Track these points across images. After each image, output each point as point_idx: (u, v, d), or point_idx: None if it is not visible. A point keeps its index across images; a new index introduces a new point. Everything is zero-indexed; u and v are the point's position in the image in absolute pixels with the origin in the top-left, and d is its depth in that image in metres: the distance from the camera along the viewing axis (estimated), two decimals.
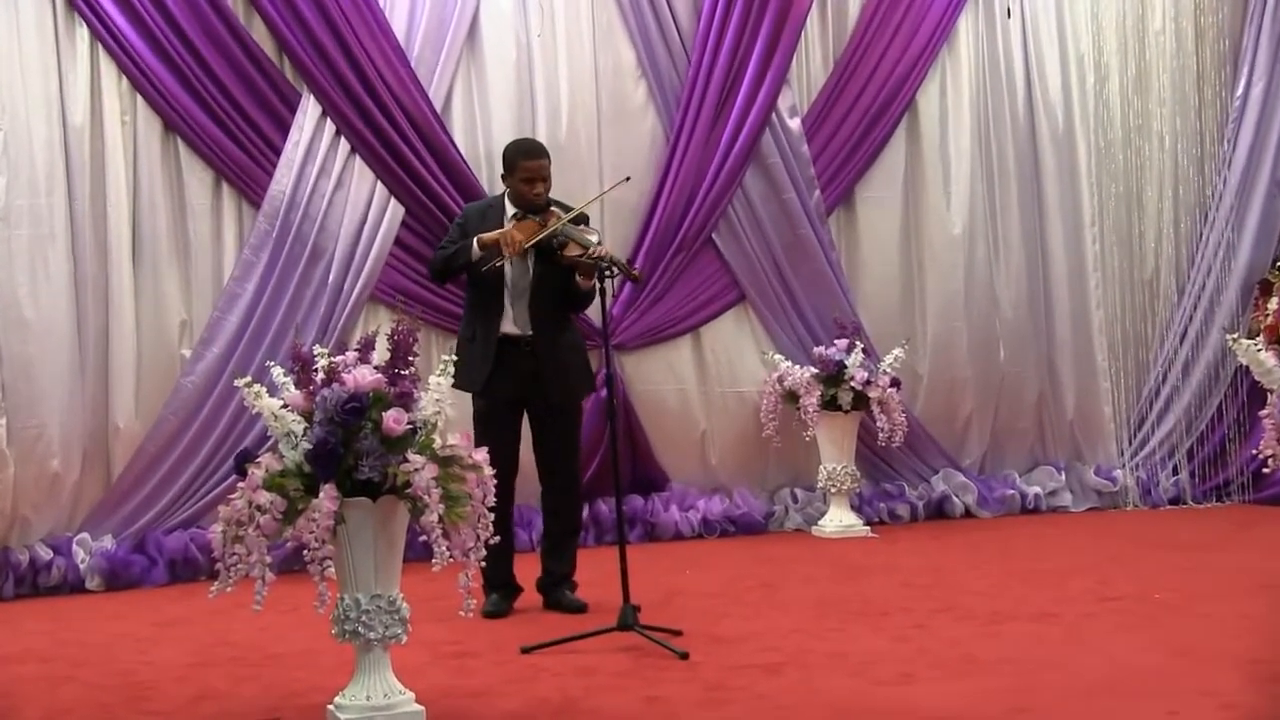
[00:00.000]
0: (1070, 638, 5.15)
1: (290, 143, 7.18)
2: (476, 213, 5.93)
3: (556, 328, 5.78)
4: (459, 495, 4.03)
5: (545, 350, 5.71)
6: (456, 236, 5.82)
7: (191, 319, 7.09)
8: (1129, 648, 4.96)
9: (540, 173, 5.72)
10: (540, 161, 5.73)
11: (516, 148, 5.88)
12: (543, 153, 5.81)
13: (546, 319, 5.73)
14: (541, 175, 5.72)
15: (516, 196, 5.75)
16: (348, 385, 4.04)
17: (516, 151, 5.81)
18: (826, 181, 8.24)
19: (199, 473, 6.96)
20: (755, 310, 8.14)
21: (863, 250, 8.43)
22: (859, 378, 7.63)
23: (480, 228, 5.75)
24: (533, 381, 5.70)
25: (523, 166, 5.70)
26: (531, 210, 5.69)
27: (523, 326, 5.70)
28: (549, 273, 5.68)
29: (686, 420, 8.00)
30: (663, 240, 7.88)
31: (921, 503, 8.28)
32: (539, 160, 5.74)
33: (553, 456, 5.83)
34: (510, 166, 5.75)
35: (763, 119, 8.04)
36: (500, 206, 5.85)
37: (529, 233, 5.59)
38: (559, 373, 5.75)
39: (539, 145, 5.93)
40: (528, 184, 5.69)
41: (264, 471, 3.99)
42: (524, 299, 5.71)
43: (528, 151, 5.79)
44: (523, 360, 5.69)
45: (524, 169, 5.69)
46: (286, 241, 7.13)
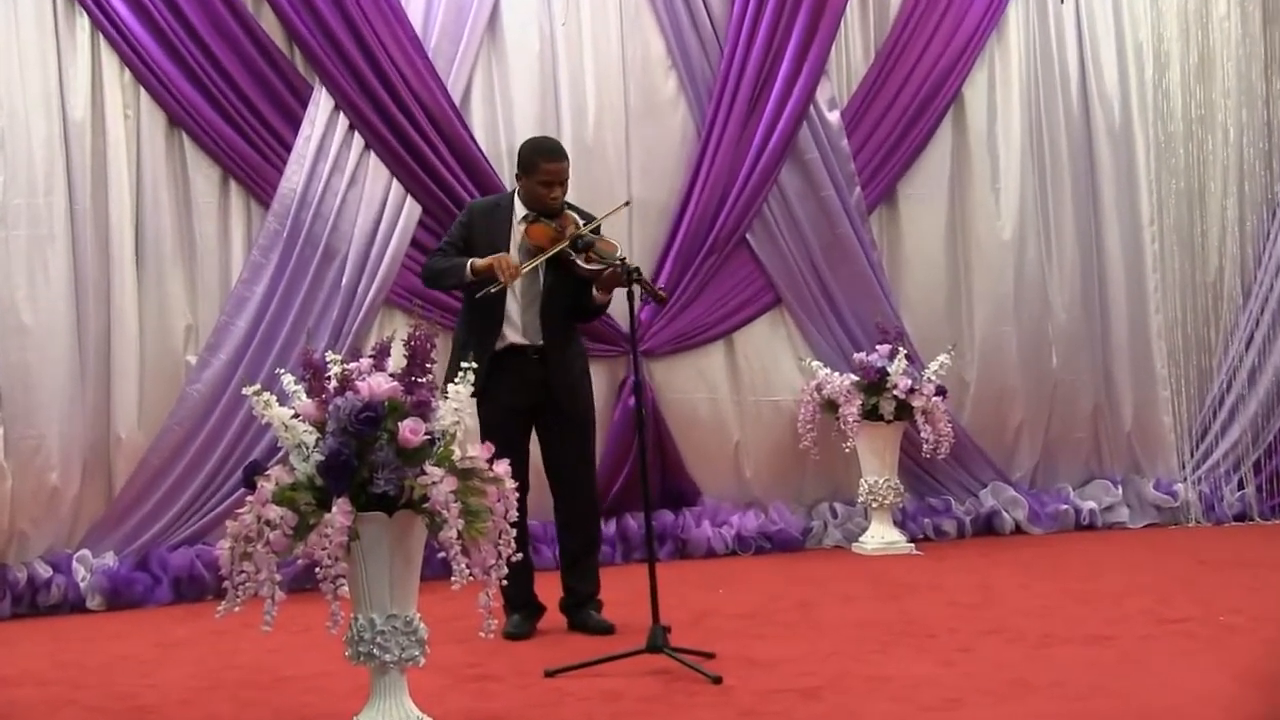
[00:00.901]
0: (1127, 662, 5.13)
1: (301, 138, 7.22)
2: (483, 211, 5.90)
3: (565, 338, 5.78)
4: (479, 510, 4.04)
5: (555, 360, 5.71)
6: (458, 237, 5.79)
7: (197, 324, 7.13)
8: (1190, 673, 4.93)
9: (561, 176, 5.70)
10: (562, 164, 5.71)
11: (537, 147, 5.83)
12: (565, 154, 5.79)
13: (557, 329, 5.72)
14: (561, 179, 5.70)
15: (531, 199, 5.70)
16: (362, 394, 4.05)
17: (536, 151, 5.77)
18: (867, 178, 8.24)
19: (205, 486, 6.99)
20: (792, 314, 8.14)
21: (906, 251, 8.43)
22: (902, 386, 7.62)
23: (487, 228, 5.74)
24: (542, 390, 5.70)
25: (544, 169, 5.66)
26: (546, 214, 5.69)
27: (532, 336, 5.70)
28: (563, 282, 5.67)
29: (719, 431, 8.01)
30: (694, 241, 7.89)
31: (969, 518, 8.26)
32: (560, 163, 5.71)
33: (567, 468, 5.83)
34: (529, 167, 5.71)
35: (800, 112, 8.04)
36: (509, 206, 5.82)
37: (543, 239, 5.58)
38: (569, 382, 5.76)
39: (560, 146, 5.89)
40: (546, 187, 5.66)
41: (274, 485, 4.00)
42: (534, 307, 5.70)
43: (550, 152, 5.75)
44: (530, 368, 5.69)
45: (545, 171, 5.66)
46: (297, 242, 7.16)
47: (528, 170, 5.71)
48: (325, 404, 4.10)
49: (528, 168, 5.71)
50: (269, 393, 4.17)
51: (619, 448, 7.50)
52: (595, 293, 5.63)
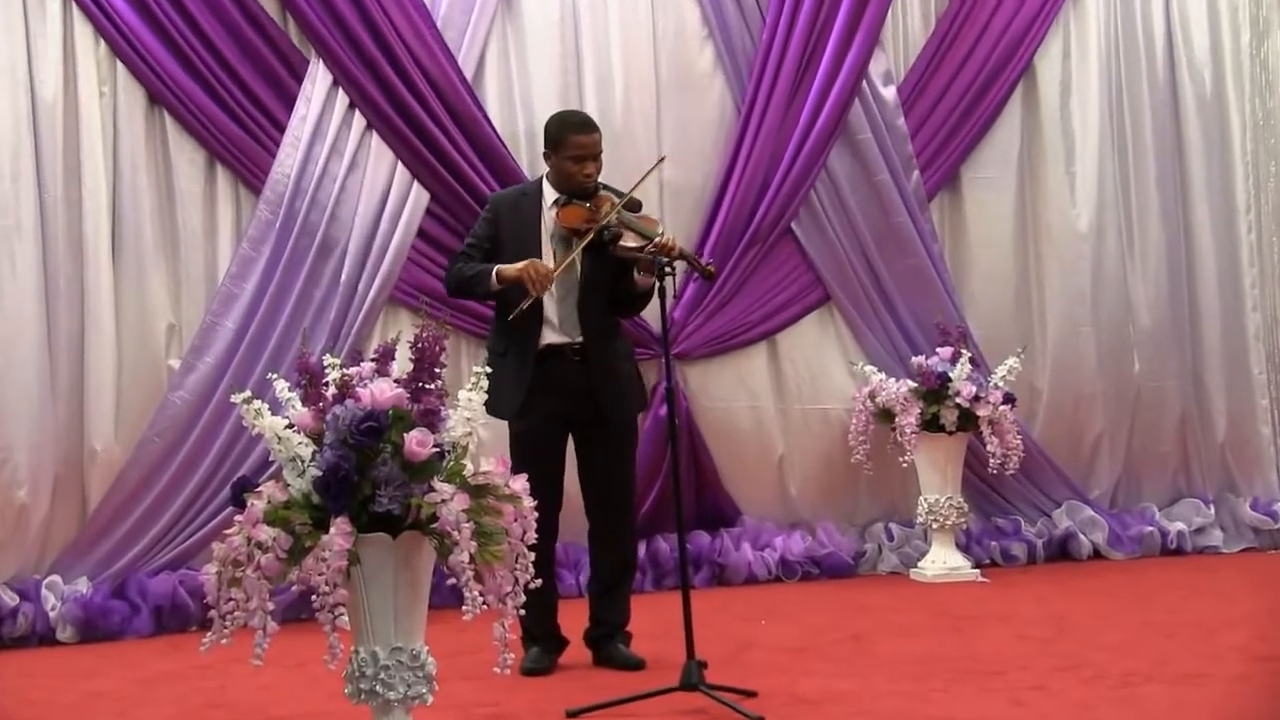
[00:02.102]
0: (1220, 704, 5.10)
1: (296, 117, 7.25)
2: (508, 203, 5.91)
3: (609, 333, 5.79)
4: (494, 531, 4.02)
5: (598, 359, 5.70)
6: (483, 236, 5.79)
7: (181, 324, 7.16)
8: None
9: (593, 149, 5.71)
10: (593, 136, 5.73)
11: (564, 120, 5.86)
12: (595, 126, 5.81)
13: (598, 322, 5.72)
14: (594, 153, 5.71)
15: (561, 178, 5.72)
16: (363, 401, 4.05)
17: (564, 124, 5.79)
18: (927, 161, 8.23)
19: (189, 505, 7.02)
20: (842, 313, 8.14)
21: (970, 242, 8.42)
22: (966, 393, 7.60)
23: (515, 220, 5.75)
24: (582, 396, 5.69)
25: (573, 142, 5.67)
26: (578, 195, 5.69)
27: (570, 332, 5.70)
28: (601, 267, 5.67)
29: (761, 443, 8.01)
30: (733, 231, 7.89)
31: (1041, 541, 8.24)
32: (591, 135, 5.73)
33: (604, 484, 5.83)
34: (557, 142, 5.73)
35: (851, 88, 8.04)
36: (536, 194, 5.83)
37: (578, 222, 5.59)
38: (613, 384, 5.75)
39: (589, 118, 5.91)
40: (577, 163, 5.67)
41: (265, 503, 4.00)
42: (571, 299, 5.70)
43: (579, 125, 5.77)
44: (570, 372, 5.68)
45: (575, 145, 5.67)
46: (292, 233, 7.19)
47: (556, 146, 5.71)
48: (322, 413, 4.10)
49: (556, 143, 5.72)
50: (260, 400, 4.17)
51: (650, 462, 7.48)
52: (637, 276, 5.61)
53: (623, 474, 5.86)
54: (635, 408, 5.96)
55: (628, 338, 6.00)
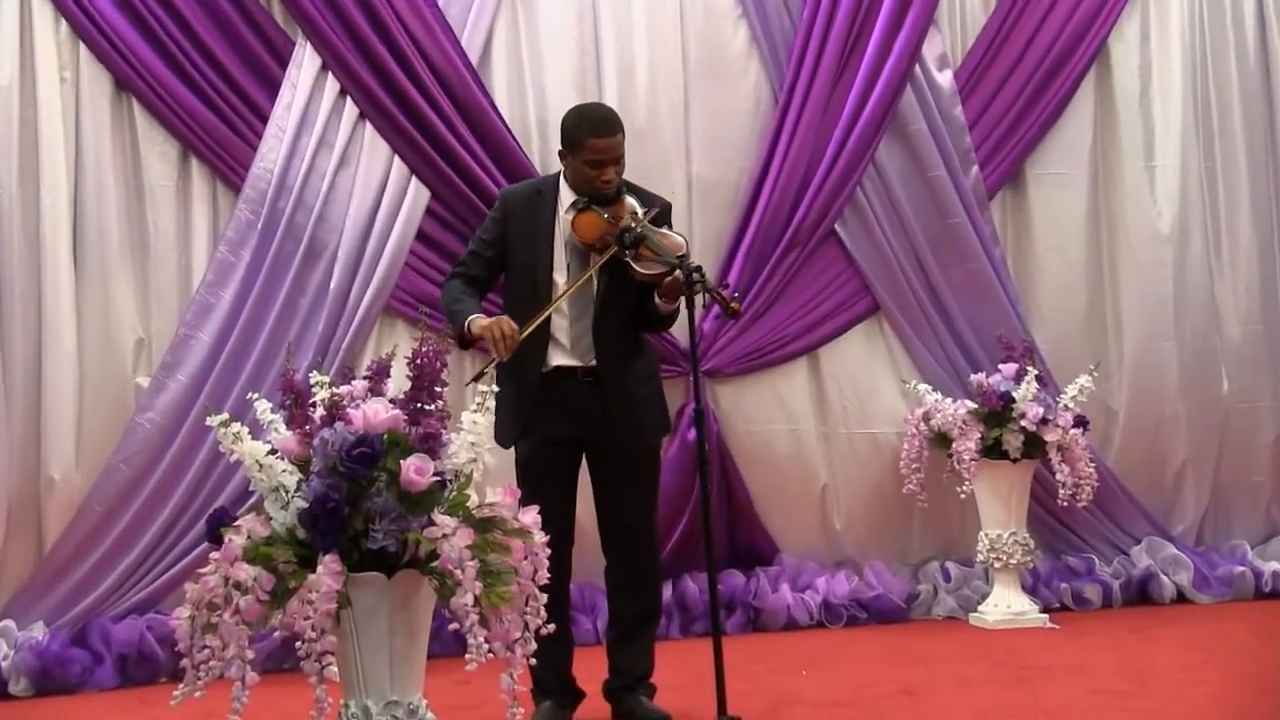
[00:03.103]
0: None
1: (280, 106, 7.26)
2: (520, 200, 5.85)
3: (626, 354, 5.74)
4: (501, 570, 4.01)
5: (613, 383, 5.68)
6: (492, 238, 5.75)
7: (150, 338, 7.17)
8: None
9: (613, 153, 5.64)
10: (614, 139, 5.64)
11: (582, 118, 5.76)
12: (617, 126, 5.70)
13: (614, 344, 5.68)
14: (615, 156, 5.64)
15: (579, 181, 5.67)
16: (355, 424, 4.04)
17: (582, 123, 5.71)
18: (988, 154, 8.23)
19: (159, 540, 7.01)
20: (892, 325, 8.14)
21: (1036, 245, 8.41)
22: (1032, 415, 7.57)
23: (525, 221, 5.71)
24: (595, 419, 5.67)
25: (591, 146, 5.60)
26: (598, 201, 5.66)
27: (582, 355, 5.65)
28: (620, 286, 5.62)
29: (801, 471, 8.00)
30: (769, 234, 7.88)
31: (1118, 582, 8.20)
32: (612, 137, 5.64)
33: (622, 518, 5.79)
34: (574, 143, 5.66)
35: (902, 73, 8.04)
36: (553, 191, 5.79)
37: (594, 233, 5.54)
38: (629, 408, 5.71)
39: (613, 116, 5.81)
40: (595, 168, 5.60)
41: (245, 538, 3.99)
42: (585, 319, 5.66)
43: (598, 125, 5.68)
44: (581, 394, 5.65)
45: (592, 149, 5.60)
46: (275, 236, 7.19)
47: (574, 147, 5.65)
48: (309, 437, 4.10)
49: (573, 144, 5.65)
50: (239, 423, 4.16)
51: (676, 492, 7.48)
52: (657, 300, 5.58)
53: (642, 507, 5.83)
54: (656, 433, 5.92)
55: (653, 356, 5.95)
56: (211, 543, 4.06)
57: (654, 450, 5.90)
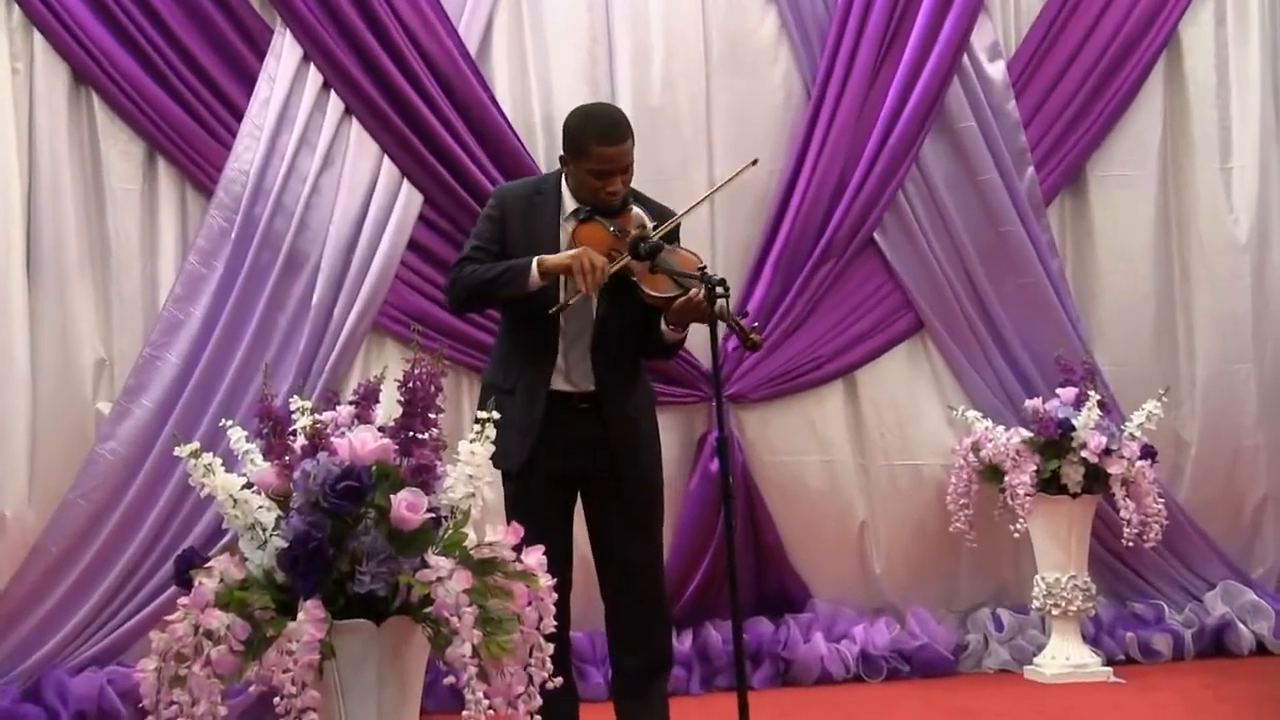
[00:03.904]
0: None
1: (257, 101, 7.27)
2: (519, 198, 5.81)
3: (627, 380, 5.74)
4: (503, 617, 4.01)
5: (613, 411, 5.68)
6: (490, 237, 5.71)
7: (112, 358, 7.18)
8: None
9: (621, 162, 5.57)
10: (622, 147, 5.57)
11: (588, 121, 5.68)
12: (627, 132, 5.63)
13: (615, 369, 5.67)
14: (622, 165, 5.58)
15: (581, 189, 5.64)
16: (340, 455, 4.05)
17: (588, 127, 5.63)
18: (1044, 155, 8.24)
19: (122, 584, 7.02)
20: (938, 344, 8.14)
21: (1098, 256, 8.42)
22: (1094, 445, 7.56)
23: (524, 223, 5.69)
24: (593, 449, 5.67)
25: (596, 154, 5.53)
26: (602, 211, 5.64)
27: (580, 380, 5.63)
28: (622, 307, 5.59)
29: (836, 507, 8.00)
30: (801, 243, 7.89)
31: (1190, 632, 8.18)
32: (620, 145, 5.57)
33: (623, 555, 5.77)
34: (577, 149, 5.59)
35: (949, 64, 8.05)
36: (555, 192, 5.75)
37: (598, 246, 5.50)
38: (631, 438, 5.71)
39: (622, 120, 5.73)
40: (600, 178, 5.54)
41: (217, 582, 4.00)
42: (583, 342, 5.63)
43: (606, 130, 5.61)
44: (579, 422, 5.64)
45: (598, 157, 5.53)
46: (251, 245, 7.20)
47: (577, 153, 5.59)
48: (289, 469, 4.10)
49: (577, 150, 5.59)
50: (211, 453, 4.17)
51: (698, 531, 7.48)
52: (665, 326, 5.56)
53: (645, 544, 5.79)
54: (659, 465, 5.90)
55: (649, 386, 5.92)
56: (180, 587, 4.06)
57: (657, 483, 5.88)
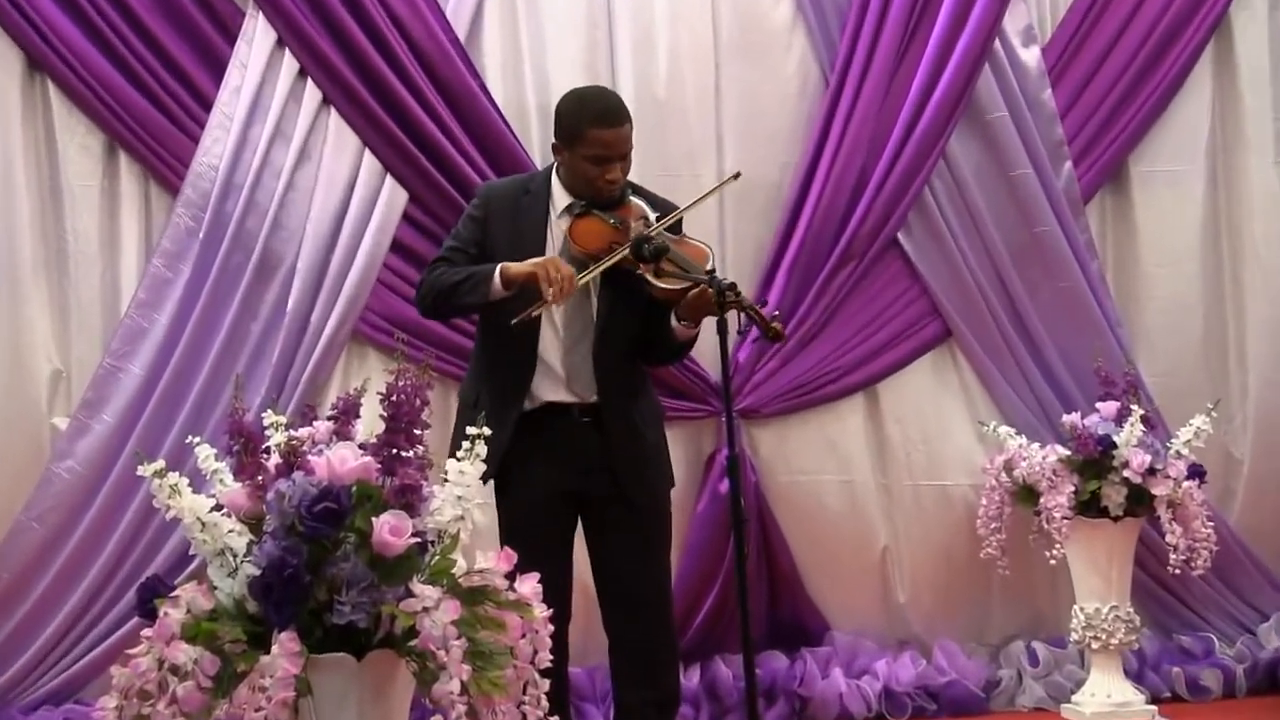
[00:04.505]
0: None
1: (227, 89, 7.27)
2: (503, 199, 5.85)
3: (632, 389, 5.75)
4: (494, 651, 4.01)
5: (618, 424, 5.68)
6: (469, 239, 5.74)
7: (69, 369, 7.19)
8: None
9: (620, 148, 5.63)
10: (620, 130, 5.63)
11: (582, 105, 5.75)
12: (624, 115, 5.71)
13: (619, 376, 5.69)
14: (621, 151, 5.63)
15: (576, 180, 5.67)
16: (317, 474, 4.05)
17: (582, 111, 5.69)
18: (1083, 148, 8.24)
19: (80, 614, 7.01)
20: (967, 355, 8.14)
21: (1142, 258, 8.42)
22: (1137, 464, 7.55)
23: (511, 223, 5.68)
24: (595, 466, 5.67)
25: (592, 138, 5.59)
26: (600, 204, 5.66)
27: (581, 389, 5.66)
28: (626, 305, 5.64)
29: (857, 531, 7.99)
30: (818, 244, 7.88)
31: (1242, 667, 8.17)
32: (618, 129, 5.63)
33: (630, 586, 5.79)
34: (571, 134, 5.64)
35: (979, 50, 8.03)
36: (543, 192, 5.78)
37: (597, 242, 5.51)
38: (637, 454, 5.72)
39: (619, 103, 5.81)
40: (597, 164, 5.59)
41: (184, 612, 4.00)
42: (584, 344, 5.66)
43: (602, 114, 5.67)
44: (577, 438, 5.67)
45: (594, 141, 5.59)
46: (221, 246, 7.20)
47: (571, 139, 5.64)
48: (262, 490, 4.10)
49: (570, 136, 5.65)
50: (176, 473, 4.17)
51: (706, 557, 7.48)
52: (676, 323, 5.58)
53: (653, 574, 5.82)
54: (667, 485, 5.91)
55: (655, 397, 5.95)
56: (143, 617, 4.06)
57: (665, 506, 5.89)
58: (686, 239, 5.63)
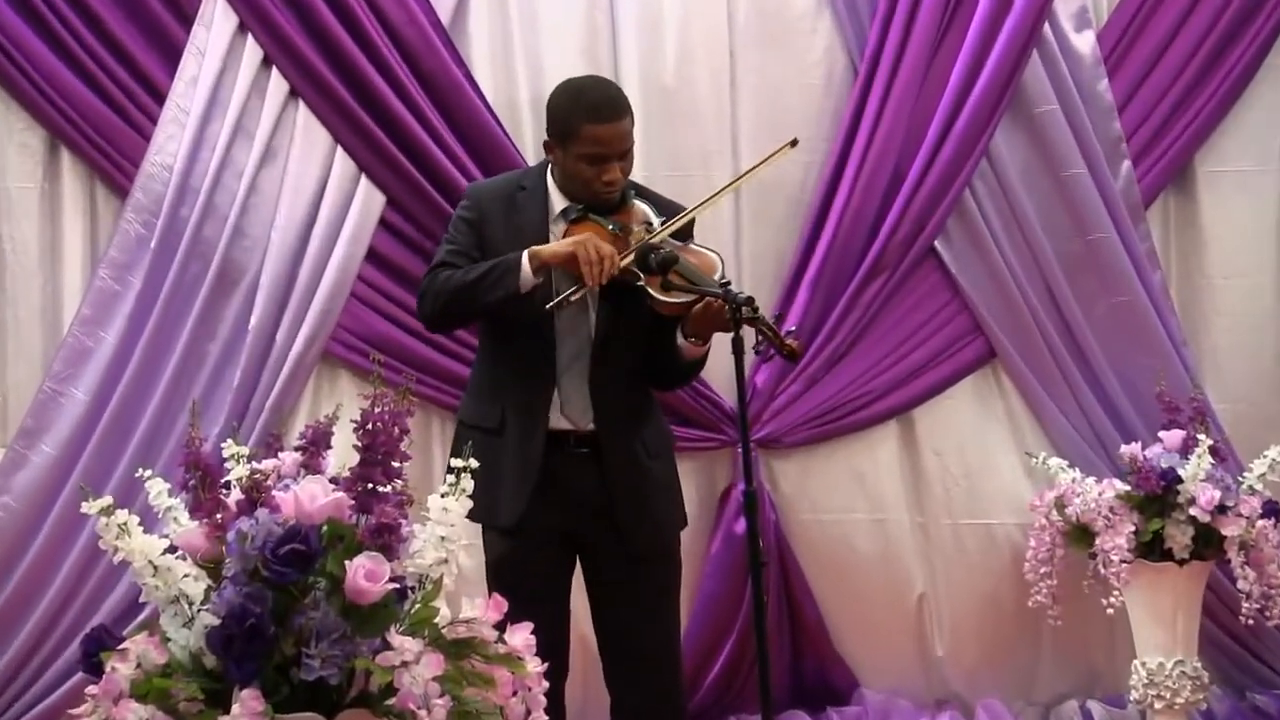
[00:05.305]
0: None
1: (183, 80, 7.30)
2: (497, 196, 5.82)
3: (635, 416, 5.75)
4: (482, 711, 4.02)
5: (618, 455, 5.68)
6: (467, 242, 5.70)
7: (5, 393, 7.25)
8: None
9: (619, 145, 5.58)
10: (619, 125, 5.58)
11: (577, 98, 5.67)
12: (624, 108, 5.66)
13: (620, 401, 5.68)
14: (620, 149, 5.59)
15: (571, 181, 5.64)
16: (284, 512, 4.06)
17: (576, 104, 5.63)
18: (1144, 146, 8.23)
19: (17, 669, 7.04)
20: (1013, 377, 8.14)
21: (1210, 269, 8.40)
22: (1205, 500, 7.54)
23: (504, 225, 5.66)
24: (595, 507, 5.66)
25: (589, 135, 5.54)
26: (598, 208, 5.66)
27: (578, 416, 5.65)
28: (628, 321, 5.62)
29: (890, 577, 8.01)
30: (846, 253, 7.88)
31: None
32: (616, 123, 5.58)
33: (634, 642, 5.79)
34: (565, 130, 5.59)
35: (1027, 36, 8.04)
36: (539, 190, 5.75)
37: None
38: (641, 491, 5.71)
39: (618, 95, 5.76)
40: (594, 164, 5.55)
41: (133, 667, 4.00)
42: (579, 366, 5.65)
43: (599, 107, 5.61)
44: (575, 470, 5.66)
45: (590, 138, 5.54)
46: (175, 255, 7.23)
47: (563, 137, 5.61)
48: (221, 529, 4.11)
49: (564, 132, 5.61)
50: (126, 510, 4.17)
51: (719, 606, 7.48)
52: (683, 339, 5.57)
53: (660, 626, 5.82)
54: (677, 527, 5.89)
55: (664, 425, 5.95)
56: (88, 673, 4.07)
57: (673, 549, 5.87)
58: (693, 247, 5.59)
